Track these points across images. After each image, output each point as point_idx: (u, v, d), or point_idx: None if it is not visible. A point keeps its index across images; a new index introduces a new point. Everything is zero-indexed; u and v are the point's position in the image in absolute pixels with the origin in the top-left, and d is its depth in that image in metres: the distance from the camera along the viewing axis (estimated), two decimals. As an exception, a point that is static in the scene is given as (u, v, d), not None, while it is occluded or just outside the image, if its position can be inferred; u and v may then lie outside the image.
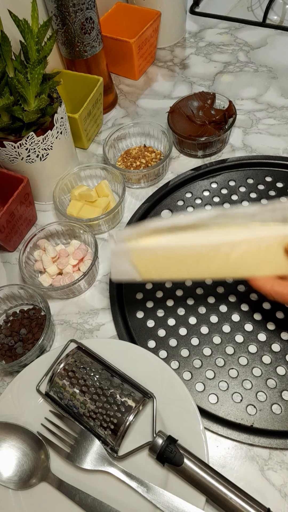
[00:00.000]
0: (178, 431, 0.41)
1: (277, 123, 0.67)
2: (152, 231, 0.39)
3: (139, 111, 0.73)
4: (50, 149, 0.54)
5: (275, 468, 0.41)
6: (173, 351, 0.48)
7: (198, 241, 0.38)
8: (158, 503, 0.37)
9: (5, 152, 0.52)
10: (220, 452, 0.42)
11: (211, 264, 0.39)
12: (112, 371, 0.43)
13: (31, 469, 0.41)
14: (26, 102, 0.49)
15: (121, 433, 0.39)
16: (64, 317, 0.52)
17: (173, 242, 0.38)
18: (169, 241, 0.38)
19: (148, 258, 0.38)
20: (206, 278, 0.40)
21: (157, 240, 0.38)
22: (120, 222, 0.60)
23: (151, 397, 0.41)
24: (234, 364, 0.46)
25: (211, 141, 0.61)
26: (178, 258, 0.38)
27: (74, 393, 0.41)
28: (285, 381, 0.45)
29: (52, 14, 0.60)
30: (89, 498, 0.39)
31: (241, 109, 0.69)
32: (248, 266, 0.39)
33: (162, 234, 0.38)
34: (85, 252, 0.54)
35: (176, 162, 0.65)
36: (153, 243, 0.38)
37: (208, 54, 0.79)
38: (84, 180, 0.62)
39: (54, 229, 0.55)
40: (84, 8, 0.59)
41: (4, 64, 0.48)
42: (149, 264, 0.39)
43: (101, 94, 0.65)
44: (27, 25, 0.47)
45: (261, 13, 0.83)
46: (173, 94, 0.74)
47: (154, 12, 0.74)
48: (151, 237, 0.38)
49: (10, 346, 0.48)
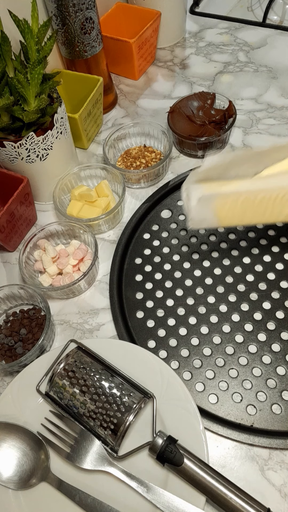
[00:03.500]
0: (178, 431, 0.41)
1: (277, 123, 0.67)
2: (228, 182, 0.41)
3: (139, 111, 0.73)
4: (50, 149, 0.54)
5: (275, 468, 0.41)
6: (173, 351, 0.48)
7: (275, 185, 0.39)
8: (158, 503, 0.37)
9: (5, 152, 0.52)
10: (220, 452, 0.42)
11: (285, 208, 0.41)
12: (112, 371, 0.43)
13: (31, 469, 0.41)
14: (26, 102, 0.49)
15: (121, 433, 0.39)
16: (64, 317, 0.52)
17: (252, 185, 0.39)
18: (249, 185, 0.40)
19: (230, 204, 0.40)
20: (280, 221, 0.43)
21: (237, 184, 0.40)
22: (120, 222, 0.60)
23: (151, 397, 0.41)
24: (234, 364, 0.46)
25: (211, 141, 0.61)
26: (257, 201, 0.40)
27: (74, 393, 0.41)
28: (285, 381, 0.45)
29: (52, 14, 0.60)
30: (89, 498, 0.39)
31: (241, 109, 0.69)
32: None
33: (241, 181, 0.40)
34: (85, 252, 0.54)
35: (176, 162, 0.65)
36: (234, 187, 0.39)
37: (208, 54, 0.79)
38: (84, 180, 0.62)
39: (54, 229, 0.55)
40: (84, 8, 0.59)
41: (4, 64, 0.48)
42: (229, 210, 0.41)
43: (101, 94, 0.65)
44: (27, 25, 0.47)
45: (261, 13, 0.83)
46: (173, 94, 0.74)
47: (154, 12, 0.74)
48: (231, 184, 0.40)
49: (10, 346, 0.48)
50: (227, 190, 0.40)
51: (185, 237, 0.57)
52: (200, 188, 0.41)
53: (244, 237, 0.55)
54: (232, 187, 0.40)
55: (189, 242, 0.56)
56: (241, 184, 0.40)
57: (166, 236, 0.57)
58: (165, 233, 0.57)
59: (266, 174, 0.43)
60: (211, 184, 0.41)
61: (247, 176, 0.43)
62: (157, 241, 0.57)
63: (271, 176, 0.41)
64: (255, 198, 0.40)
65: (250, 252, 0.54)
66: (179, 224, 0.58)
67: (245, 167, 0.42)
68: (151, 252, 0.56)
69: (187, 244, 0.56)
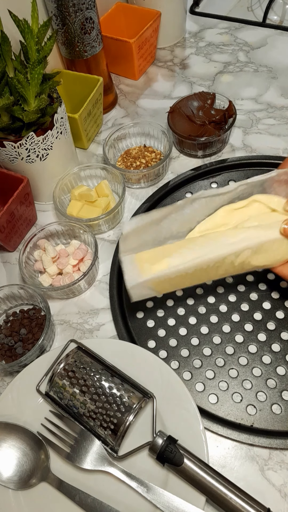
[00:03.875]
0: (178, 431, 0.41)
1: (277, 123, 0.67)
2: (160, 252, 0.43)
3: (139, 111, 0.73)
4: (50, 149, 0.54)
5: (275, 468, 0.41)
6: (173, 351, 0.48)
7: (205, 258, 0.41)
8: (158, 503, 0.37)
9: (5, 152, 0.52)
10: (220, 452, 0.42)
11: (219, 270, 0.43)
12: (112, 371, 0.43)
13: (31, 469, 0.41)
14: (26, 102, 0.49)
15: (121, 433, 0.39)
16: (64, 317, 0.52)
17: (182, 263, 0.41)
18: (179, 263, 0.41)
19: (165, 281, 0.42)
20: (216, 279, 0.45)
21: (168, 264, 0.41)
22: (120, 222, 0.60)
23: (151, 397, 0.41)
24: (234, 364, 0.46)
25: (211, 141, 0.61)
26: (189, 274, 0.42)
27: (74, 393, 0.41)
28: (285, 381, 0.45)
29: (52, 14, 0.60)
30: (89, 498, 0.39)
31: (241, 109, 0.69)
32: (255, 263, 0.43)
33: (171, 256, 0.42)
34: (85, 252, 0.54)
35: (176, 162, 0.65)
36: (164, 268, 0.41)
37: (208, 54, 0.79)
38: (84, 180, 0.62)
39: (54, 229, 0.55)
40: (84, 8, 0.59)
41: (4, 64, 0.48)
42: (164, 284, 0.43)
43: (101, 94, 0.65)
44: (27, 25, 0.47)
45: (261, 13, 0.83)
46: (173, 94, 0.74)
47: (154, 12, 0.74)
48: (162, 263, 0.42)
49: (10, 346, 0.48)
50: (159, 271, 0.41)
51: (185, 237, 0.57)
52: (134, 264, 0.42)
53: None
54: (163, 266, 0.41)
55: (189, 242, 0.56)
56: (171, 262, 0.41)
57: (166, 236, 0.57)
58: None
59: (199, 231, 0.44)
60: (143, 256, 0.43)
61: (180, 237, 0.44)
62: (157, 241, 0.57)
63: (203, 241, 0.42)
64: (186, 273, 0.41)
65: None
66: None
67: (177, 226, 0.44)
68: (151, 252, 0.56)
69: (187, 244, 0.56)
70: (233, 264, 0.42)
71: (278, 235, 0.41)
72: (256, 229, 0.42)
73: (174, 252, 0.42)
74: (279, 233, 0.41)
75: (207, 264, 0.41)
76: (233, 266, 0.42)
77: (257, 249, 0.41)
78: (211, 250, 0.41)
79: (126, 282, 0.42)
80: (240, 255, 0.41)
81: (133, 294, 0.43)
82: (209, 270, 0.42)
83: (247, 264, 0.42)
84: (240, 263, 0.42)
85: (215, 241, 0.42)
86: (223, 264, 0.42)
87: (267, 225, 0.42)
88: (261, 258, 0.42)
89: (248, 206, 0.44)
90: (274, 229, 0.41)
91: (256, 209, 0.44)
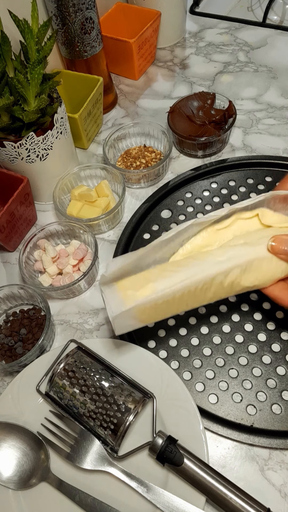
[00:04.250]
0: (178, 431, 0.41)
1: (277, 123, 0.67)
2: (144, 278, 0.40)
3: (139, 111, 0.73)
4: (50, 149, 0.54)
5: (275, 468, 0.41)
6: (173, 351, 0.48)
7: (192, 280, 0.38)
8: (158, 503, 0.37)
9: (5, 152, 0.52)
10: (220, 452, 0.42)
11: (208, 293, 0.40)
12: (112, 371, 0.43)
13: (31, 469, 0.41)
14: (26, 102, 0.49)
15: (121, 433, 0.39)
16: (64, 317, 0.52)
17: (168, 287, 0.38)
18: (165, 287, 0.38)
19: (148, 307, 0.39)
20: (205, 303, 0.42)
21: (152, 289, 0.38)
22: (120, 222, 0.60)
23: (151, 397, 0.41)
24: (234, 364, 0.46)
25: (211, 141, 0.61)
26: (176, 298, 0.39)
27: (74, 393, 0.41)
28: (285, 381, 0.45)
29: (52, 14, 0.60)
30: (89, 498, 0.39)
31: (241, 109, 0.69)
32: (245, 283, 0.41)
33: (156, 281, 0.39)
34: (85, 252, 0.54)
35: (176, 162, 0.65)
36: (149, 293, 0.38)
37: (208, 54, 0.79)
38: (84, 180, 0.62)
39: (54, 229, 0.55)
40: (84, 8, 0.59)
41: (4, 64, 0.48)
42: (150, 312, 0.40)
43: (101, 94, 0.65)
44: (27, 25, 0.47)
45: (261, 13, 0.83)
46: (173, 94, 0.74)
47: (154, 12, 0.74)
48: (146, 288, 0.39)
49: (10, 346, 0.48)
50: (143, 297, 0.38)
51: (185, 237, 0.57)
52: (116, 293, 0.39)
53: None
54: (147, 291, 0.38)
55: (189, 242, 0.56)
56: (156, 286, 0.38)
57: (166, 236, 0.57)
58: (164, 233, 0.57)
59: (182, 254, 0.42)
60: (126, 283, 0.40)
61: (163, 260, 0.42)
62: (157, 241, 0.57)
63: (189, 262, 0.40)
64: (173, 297, 0.39)
65: (250, 252, 0.54)
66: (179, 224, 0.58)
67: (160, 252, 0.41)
68: (151, 252, 0.56)
69: (187, 244, 0.56)
70: (222, 285, 0.40)
71: (266, 252, 0.39)
72: (244, 246, 0.40)
73: (159, 276, 0.39)
74: (267, 251, 0.40)
75: (195, 286, 0.38)
76: (223, 287, 0.40)
77: (246, 267, 0.39)
78: (198, 270, 0.39)
79: (109, 313, 0.38)
80: (229, 275, 0.39)
81: (117, 325, 0.39)
82: (197, 293, 0.39)
83: (237, 284, 0.40)
84: (229, 283, 0.40)
85: (202, 261, 0.39)
86: (212, 285, 0.39)
87: (254, 242, 0.40)
88: (251, 277, 0.40)
89: (231, 225, 0.43)
90: (262, 246, 0.40)
91: (240, 227, 0.42)
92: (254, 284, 0.41)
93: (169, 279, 0.39)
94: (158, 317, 0.41)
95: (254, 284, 0.41)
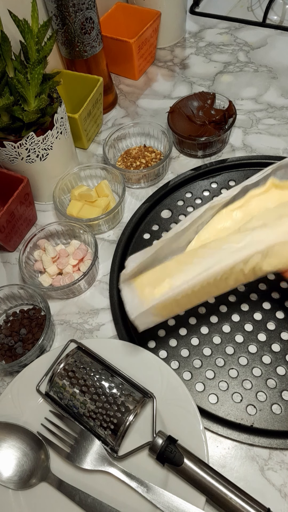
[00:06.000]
0: (178, 431, 0.41)
1: (277, 123, 0.67)
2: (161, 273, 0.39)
3: (139, 111, 0.73)
4: (50, 149, 0.54)
5: (275, 468, 0.41)
6: (173, 351, 0.48)
7: (209, 272, 0.37)
8: (158, 503, 0.37)
9: (5, 152, 0.52)
10: (220, 452, 0.42)
11: (229, 281, 0.39)
12: (112, 371, 0.43)
13: (31, 469, 0.41)
14: (26, 102, 0.49)
15: (121, 433, 0.39)
16: (64, 317, 0.52)
17: (185, 282, 0.38)
18: (182, 282, 0.38)
19: (168, 303, 0.39)
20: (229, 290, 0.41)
21: (170, 285, 0.38)
22: (120, 222, 0.60)
23: (151, 397, 0.41)
24: (234, 364, 0.46)
25: (211, 141, 0.61)
26: (196, 291, 0.38)
27: (74, 393, 0.41)
28: (285, 381, 0.45)
29: (52, 14, 0.60)
30: (89, 498, 0.39)
31: (241, 109, 0.69)
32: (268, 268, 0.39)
33: (173, 276, 0.38)
34: (85, 252, 0.54)
35: (176, 162, 0.65)
36: (167, 290, 0.38)
37: (208, 54, 0.79)
38: (84, 180, 0.62)
39: (54, 229, 0.55)
40: (84, 8, 0.59)
41: (4, 64, 0.48)
42: (171, 307, 0.39)
43: (101, 94, 0.65)
44: (27, 25, 0.47)
45: (261, 13, 0.83)
46: (173, 94, 0.74)
47: (154, 12, 0.74)
48: (163, 285, 0.38)
49: (10, 346, 0.48)
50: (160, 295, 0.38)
51: (185, 237, 0.57)
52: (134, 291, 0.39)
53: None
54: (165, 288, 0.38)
55: (189, 242, 0.56)
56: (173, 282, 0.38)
57: (166, 236, 0.57)
58: (165, 233, 0.57)
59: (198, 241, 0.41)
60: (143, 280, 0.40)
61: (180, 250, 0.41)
62: (157, 241, 0.57)
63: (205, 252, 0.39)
64: (193, 291, 0.38)
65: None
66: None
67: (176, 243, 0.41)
68: (151, 252, 0.56)
69: (187, 244, 0.56)
70: (243, 272, 0.38)
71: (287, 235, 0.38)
72: (263, 229, 0.38)
73: (176, 270, 0.39)
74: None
75: (213, 278, 0.37)
76: (244, 274, 0.38)
77: (267, 253, 0.38)
78: (215, 261, 0.37)
79: (128, 314, 0.39)
80: (249, 262, 0.37)
81: (139, 324, 0.39)
82: (217, 283, 0.38)
83: (259, 270, 0.39)
84: (250, 270, 0.38)
85: (218, 250, 0.38)
86: (232, 274, 0.38)
87: (273, 223, 0.38)
88: (273, 261, 0.38)
89: (246, 204, 0.41)
90: (282, 227, 0.38)
91: (257, 206, 0.41)
92: (278, 268, 0.39)
93: (186, 273, 0.38)
94: (180, 310, 0.41)
95: (278, 268, 0.39)
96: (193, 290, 0.38)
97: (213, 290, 0.39)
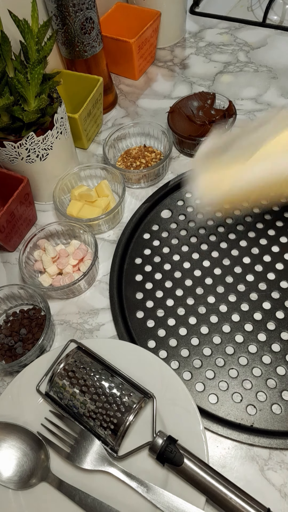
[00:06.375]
0: (178, 431, 0.41)
1: (277, 123, 0.67)
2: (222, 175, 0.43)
3: (139, 111, 0.73)
4: (50, 149, 0.54)
5: (275, 468, 0.41)
6: (173, 351, 0.48)
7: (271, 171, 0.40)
8: (158, 503, 0.37)
9: (5, 152, 0.52)
10: (220, 452, 0.42)
11: None
12: (112, 371, 0.43)
13: (31, 469, 0.41)
14: (26, 102, 0.49)
15: (121, 433, 0.39)
16: (64, 317, 0.52)
17: (248, 178, 0.41)
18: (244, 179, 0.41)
19: (231, 195, 0.43)
20: None
21: (233, 178, 0.41)
22: (120, 222, 0.60)
23: (151, 397, 0.41)
24: (234, 364, 0.46)
25: (211, 141, 0.61)
26: (261, 186, 0.42)
27: (74, 393, 0.41)
28: (285, 381, 0.45)
29: (52, 14, 0.60)
30: (89, 498, 0.39)
31: (241, 109, 0.69)
32: None
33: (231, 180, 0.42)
34: (85, 252, 0.54)
35: (176, 162, 0.65)
36: (230, 185, 0.41)
37: (208, 54, 0.79)
38: (84, 180, 0.62)
39: (54, 229, 0.55)
40: (84, 8, 0.59)
41: (4, 64, 0.48)
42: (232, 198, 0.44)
43: (101, 94, 0.65)
44: (27, 25, 0.47)
45: (261, 13, 0.83)
46: (173, 94, 0.74)
47: (154, 12, 0.74)
48: (222, 186, 0.42)
49: (10, 346, 0.48)
50: (224, 188, 0.42)
51: (185, 237, 0.57)
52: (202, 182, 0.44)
53: (244, 237, 0.55)
54: (223, 190, 0.42)
55: (189, 242, 0.56)
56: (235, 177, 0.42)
57: (166, 236, 0.57)
58: (165, 233, 0.58)
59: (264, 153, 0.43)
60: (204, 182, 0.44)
61: (244, 159, 0.43)
62: (157, 241, 0.57)
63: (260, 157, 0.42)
64: (252, 190, 0.42)
65: (250, 252, 0.54)
66: (179, 224, 0.58)
67: (242, 151, 0.43)
68: (151, 252, 0.56)
69: (187, 244, 0.56)
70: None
71: None
72: None
73: (233, 177, 0.42)
74: None
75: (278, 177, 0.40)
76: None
77: None
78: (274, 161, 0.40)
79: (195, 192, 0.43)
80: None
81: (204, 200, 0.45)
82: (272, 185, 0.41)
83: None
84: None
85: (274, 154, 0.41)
86: None
87: None
88: None
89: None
90: None
91: None
92: None
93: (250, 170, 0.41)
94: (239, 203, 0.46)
95: None
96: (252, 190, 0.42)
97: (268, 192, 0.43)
